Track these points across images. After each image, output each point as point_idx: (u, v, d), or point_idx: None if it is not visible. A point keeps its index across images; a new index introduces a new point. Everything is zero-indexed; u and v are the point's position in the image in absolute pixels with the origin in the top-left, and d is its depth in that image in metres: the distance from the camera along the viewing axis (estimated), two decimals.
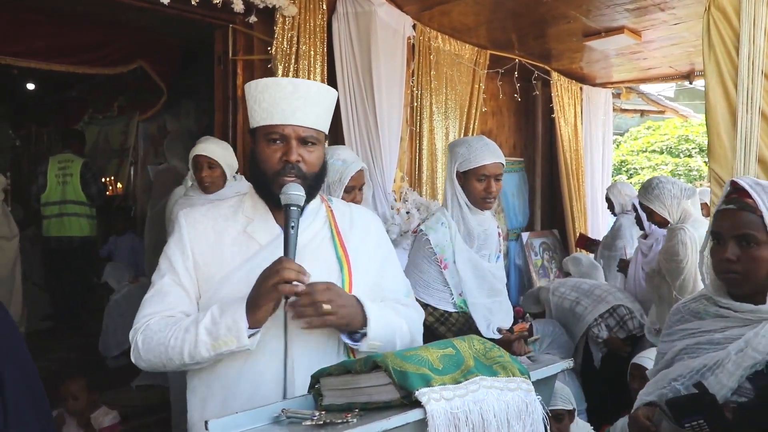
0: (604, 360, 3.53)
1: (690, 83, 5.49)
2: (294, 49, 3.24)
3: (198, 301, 1.42)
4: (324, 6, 3.36)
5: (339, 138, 3.57)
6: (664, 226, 3.17)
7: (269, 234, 1.42)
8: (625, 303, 3.52)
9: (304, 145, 1.40)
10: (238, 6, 2.90)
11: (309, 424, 1.07)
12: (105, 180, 6.69)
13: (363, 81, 3.54)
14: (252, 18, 3.08)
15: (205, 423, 1.04)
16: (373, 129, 3.57)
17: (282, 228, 1.37)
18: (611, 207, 4.49)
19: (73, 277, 5.44)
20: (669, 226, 3.11)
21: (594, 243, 4.93)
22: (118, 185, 6.91)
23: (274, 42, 3.19)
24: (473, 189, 2.26)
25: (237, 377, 1.36)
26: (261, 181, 1.42)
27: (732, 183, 1.50)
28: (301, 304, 1.28)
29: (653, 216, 3.17)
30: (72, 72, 4.70)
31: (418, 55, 3.99)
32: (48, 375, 4.06)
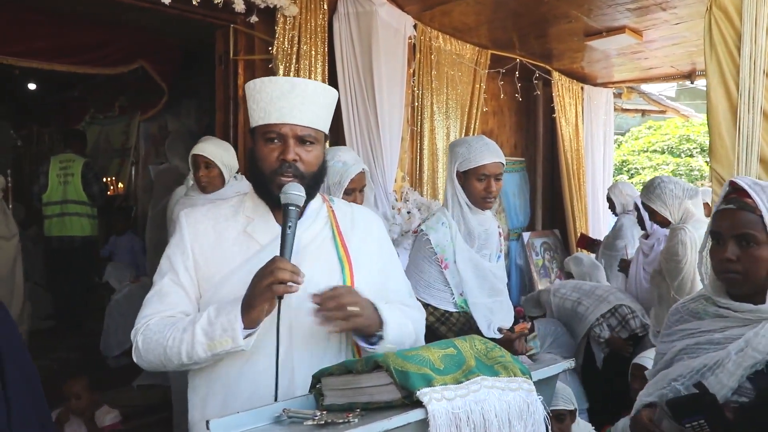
0: (606, 360, 3.52)
1: (691, 83, 5.49)
2: (295, 49, 3.25)
3: (198, 301, 1.42)
4: (325, 6, 3.36)
5: (340, 138, 3.57)
6: (665, 225, 3.17)
7: (270, 234, 1.42)
8: (627, 303, 3.52)
9: (302, 144, 1.39)
10: (239, 6, 2.90)
11: (310, 423, 1.08)
12: (106, 180, 6.69)
13: (364, 81, 3.54)
14: (253, 18, 3.08)
15: (207, 423, 1.04)
16: (374, 129, 3.57)
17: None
18: (612, 207, 4.48)
19: (75, 277, 5.45)
20: (670, 226, 3.11)
21: (595, 243, 4.92)
22: (119, 185, 6.91)
23: (275, 42, 3.20)
24: (473, 189, 2.26)
25: (237, 377, 1.36)
26: (259, 181, 1.42)
27: (731, 183, 1.50)
28: (329, 307, 1.28)
29: (655, 216, 3.17)
30: (73, 72, 4.70)
31: (419, 55, 3.98)
32: (49, 374, 4.08)
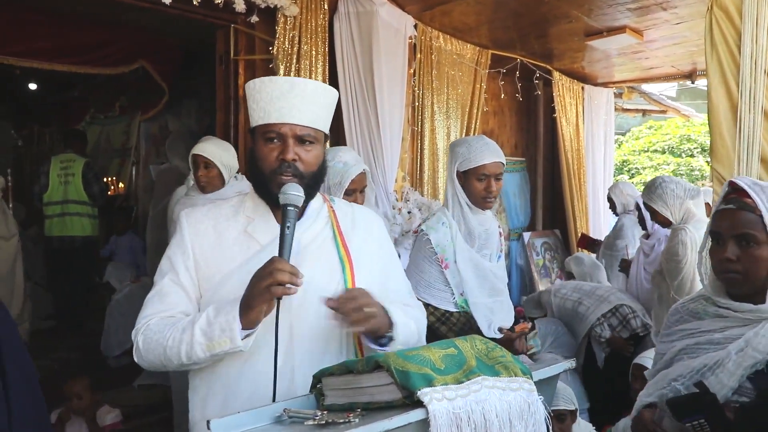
0: (607, 360, 3.52)
1: (692, 83, 5.48)
2: (295, 49, 3.24)
3: (199, 301, 1.42)
4: (325, 6, 3.36)
5: (340, 138, 3.57)
6: (667, 225, 3.16)
7: (270, 234, 1.42)
8: (628, 302, 3.52)
9: (301, 144, 1.39)
10: (239, 6, 2.90)
11: (311, 423, 1.07)
12: (107, 180, 6.69)
13: (364, 81, 3.54)
14: (253, 18, 3.08)
15: (207, 422, 1.04)
16: (375, 129, 3.56)
17: None
18: (613, 207, 4.47)
19: (75, 277, 5.45)
20: (672, 226, 3.10)
21: (596, 243, 4.92)
22: (119, 185, 6.91)
23: (275, 42, 3.19)
24: (473, 188, 2.26)
25: (238, 377, 1.36)
26: (259, 181, 1.42)
27: (730, 183, 1.50)
28: (348, 309, 1.29)
29: (656, 216, 3.16)
30: (74, 72, 4.70)
31: (419, 55, 3.98)
32: (50, 374, 4.09)
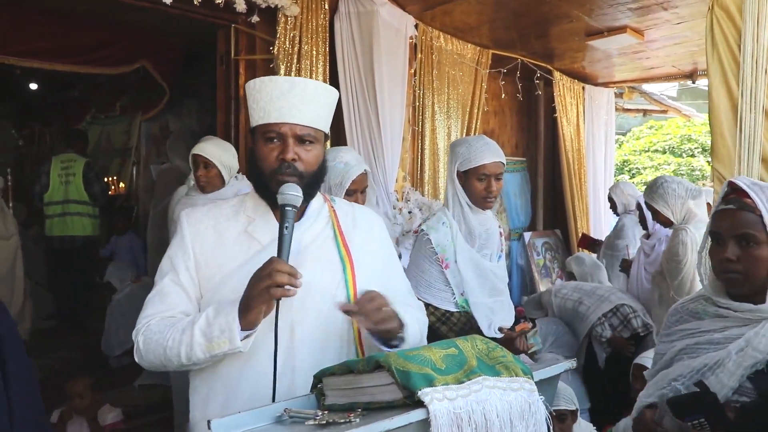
0: (608, 360, 3.52)
1: (693, 83, 5.48)
2: (296, 49, 3.24)
3: (199, 301, 1.42)
4: (326, 6, 3.36)
5: (341, 138, 3.57)
6: (668, 225, 3.16)
7: (271, 233, 1.41)
8: (628, 302, 3.52)
9: (301, 144, 1.39)
10: (240, 6, 2.90)
11: (312, 423, 1.07)
12: (107, 180, 6.69)
13: (365, 81, 3.54)
14: (254, 18, 3.08)
15: (208, 422, 1.04)
16: (375, 129, 3.56)
17: None
18: (614, 207, 4.48)
19: (76, 277, 5.44)
20: (673, 226, 3.10)
21: (596, 243, 4.92)
22: (120, 185, 6.91)
23: (276, 42, 3.19)
24: (474, 188, 2.25)
25: (238, 377, 1.36)
26: (259, 180, 1.42)
27: (729, 183, 1.49)
28: (368, 310, 1.31)
29: (658, 215, 3.16)
30: (75, 72, 4.70)
31: (420, 55, 3.98)
32: (51, 374, 4.10)
